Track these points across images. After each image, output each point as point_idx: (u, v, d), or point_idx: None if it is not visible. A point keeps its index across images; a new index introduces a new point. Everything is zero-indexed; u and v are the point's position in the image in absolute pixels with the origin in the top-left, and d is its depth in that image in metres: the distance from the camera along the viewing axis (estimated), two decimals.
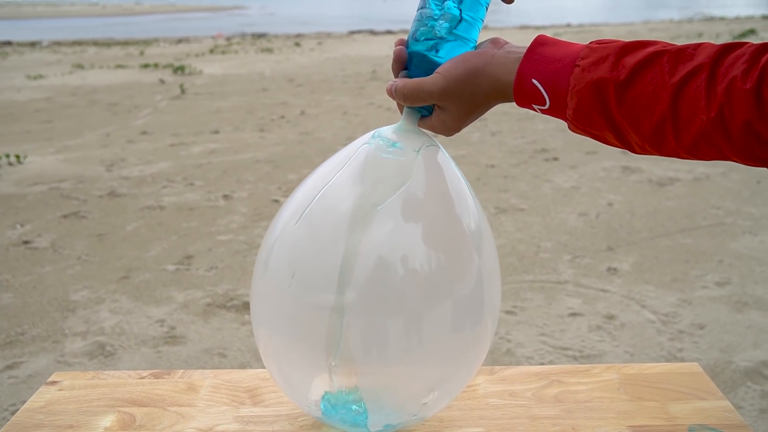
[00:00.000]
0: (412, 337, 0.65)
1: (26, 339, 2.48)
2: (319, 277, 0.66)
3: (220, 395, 0.84)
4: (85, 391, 0.85)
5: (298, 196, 0.71)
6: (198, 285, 2.88)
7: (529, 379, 0.86)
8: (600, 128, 0.61)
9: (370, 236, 0.65)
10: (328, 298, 0.65)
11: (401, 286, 0.65)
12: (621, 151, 4.84)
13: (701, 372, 0.86)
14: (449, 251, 0.68)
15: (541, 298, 2.68)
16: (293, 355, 0.70)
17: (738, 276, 2.81)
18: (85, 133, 6.04)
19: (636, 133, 0.59)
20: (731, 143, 0.54)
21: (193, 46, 15.36)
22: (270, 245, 0.71)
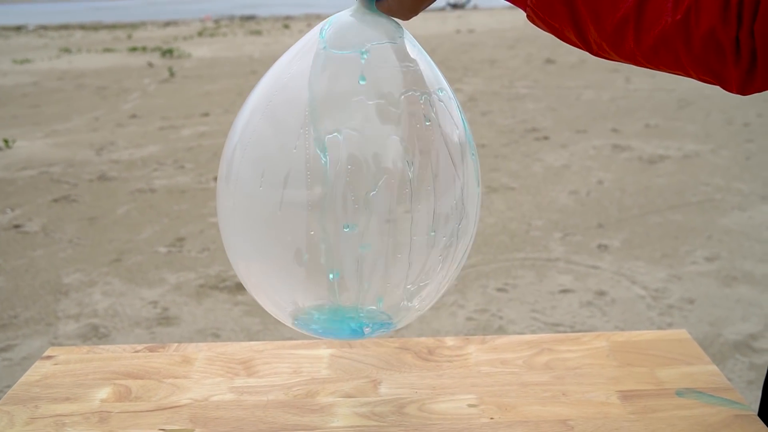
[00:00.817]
0: (386, 242, 0.62)
1: (19, 322, 2.48)
2: (289, 172, 0.61)
3: (215, 367, 0.84)
4: (81, 365, 0.86)
5: (256, 92, 0.67)
6: (190, 266, 2.88)
7: (520, 347, 0.87)
8: (561, 20, 0.58)
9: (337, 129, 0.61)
10: (301, 195, 0.61)
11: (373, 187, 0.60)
12: (611, 129, 4.86)
13: (689, 338, 0.87)
14: (429, 159, 0.63)
15: (532, 275, 2.70)
16: (276, 262, 0.65)
17: (727, 251, 2.84)
18: (73, 117, 5.99)
19: (597, 29, 0.57)
20: (690, 51, 0.53)
21: (181, 29, 15.23)
22: (231, 150, 0.67)
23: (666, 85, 6.54)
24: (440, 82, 0.66)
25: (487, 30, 12.43)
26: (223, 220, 0.69)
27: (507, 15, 16.04)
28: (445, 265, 0.66)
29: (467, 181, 0.65)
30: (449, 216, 0.64)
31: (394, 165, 0.61)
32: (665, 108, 5.60)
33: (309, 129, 0.61)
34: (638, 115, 5.34)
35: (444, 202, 0.63)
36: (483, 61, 8.55)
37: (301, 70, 0.64)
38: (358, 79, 0.62)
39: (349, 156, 0.60)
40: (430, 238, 0.63)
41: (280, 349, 0.88)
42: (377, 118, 0.62)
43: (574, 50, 7.92)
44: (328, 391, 0.79)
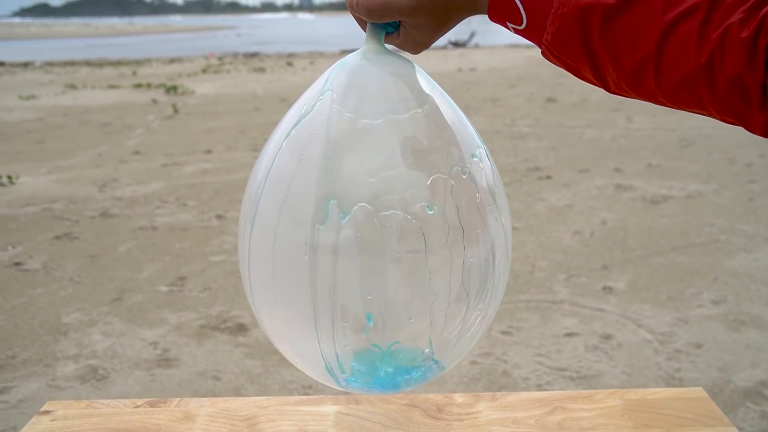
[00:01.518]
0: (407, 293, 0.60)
1: (17, 363, 2.45)
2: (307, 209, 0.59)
3: (218, 425, 0.82)
4: (79, 421, 0.83)
5: (281, 129, 0.65)
6: (191, 306, 2.85)
7: (532, 405, 0.84)
8: (577, 59, 0.57)
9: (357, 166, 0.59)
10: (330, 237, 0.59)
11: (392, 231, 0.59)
12: (614, 168, 4.86)
13: (706, 397, 0.85)
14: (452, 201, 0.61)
15: (536, 317, 2.67)
16: (296, 307, 0.63)
17: (733, 294, 2.81)
18: (77, 153, 6.02)
19: (615, 69, 0.55)
20: (714, 93, 0.51)
21: (185, 66, 15.39)
22: (257, 189, 0.65)
23: (667, 124, 6.57)
24: (473, 139, 0.65)
25: (489, 68, 12.55)
26: (245, 263, 0.67)
27: (508, 53, 16.22)
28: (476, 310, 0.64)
29: (498, 232, 0.64)
30: (479, 264, 0.62)
31: (422, 211, 0.60)
32: (667, 147, 5.62)
33: (331, 176, 0.60)
34: (640, 155, 5.35)
35: (476, 252, 0.62)
36: (485, 99, 8.61)
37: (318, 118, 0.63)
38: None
39: (378, 199, 0.59)
40: (460, 286, 0.61)
41: (285, 405, 0.85)
42: (403, 163, 0.61)
43: (575, 89, 7.96)
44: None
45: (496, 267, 0.65)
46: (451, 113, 0.65)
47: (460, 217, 0.61)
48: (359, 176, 0.60)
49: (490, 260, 0.64)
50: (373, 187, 0.59)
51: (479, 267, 0.63)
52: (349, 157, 0.61)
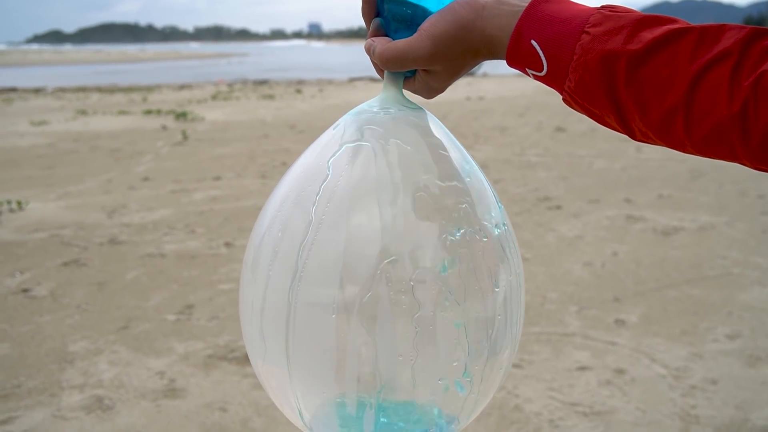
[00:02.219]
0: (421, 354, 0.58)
1: (22, 392, 2.42)
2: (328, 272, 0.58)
3: None
4: None
5: (289, 178, 0.64)
6: (199, 336, 2.83)
7: None
8: (602, 107, 0.55)
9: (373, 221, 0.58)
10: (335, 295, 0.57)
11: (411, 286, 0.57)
12: (624, 199, 4.84)
13: None
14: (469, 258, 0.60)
15: (548, 351, 2.63)
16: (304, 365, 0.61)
17: (749, 329, 2.76)
18: (86, 179, 6.03)
19: (642, 118, 0.53)
20: (747, 144, 0.49)
21: (195, 93, 15.51)
22: (260, 236, 0.63)
23: (677, 155, 6.54)
24: (489, 197, 0.64)
25: (497, 97, 12.60)
26: (246, 313, 0.65)
27: (517, 82, 16.29)
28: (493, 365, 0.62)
29: (511, 283, 0.63)
30: (490, 319, 0.61)
31: (432, 264, 0.58)
32: (678, 178, 5.60)
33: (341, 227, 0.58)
34: (651, 185, 5.33)
35: (486, 306, 0.60)
36: (493, 128, 8.62)
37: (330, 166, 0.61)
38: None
39: (385, 254, 0.57)
40: (474, 341, 0.60)
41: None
42: (414, 216, 0.59)
43: (584, 119, 7.96)
44: None
45: (509, 323, 0.64)
46: (468, 169, 0.64)
47: (475, 275, 0.60)
48: (373, 233, 0.58)
49: (503, 317, 0.63)
50: (384, 244, 0.58)
51: (491, 323, 0.61)
52: (361, 214, 0.59)
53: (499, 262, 0.63)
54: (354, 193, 0.59)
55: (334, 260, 0.58)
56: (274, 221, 0.62)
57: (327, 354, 0.59)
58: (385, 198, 0.59)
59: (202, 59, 50.22)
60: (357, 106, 0.67)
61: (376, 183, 0.60)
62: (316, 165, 0.62)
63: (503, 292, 0.62)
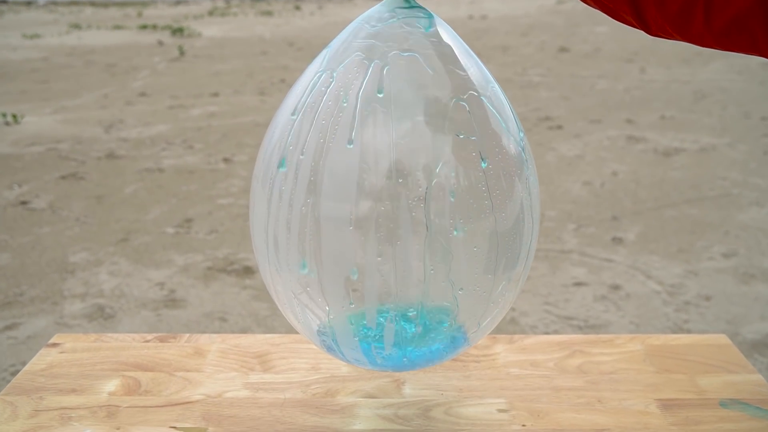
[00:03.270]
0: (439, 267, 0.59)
1: (25, 300, 2.45)
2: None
3: (229, 361, 0.80)
4: (88, 354, 0.81)
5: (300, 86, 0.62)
6: (198, 248, 2.84)
7: (551, 348, 0.82)
8: (617, 1, 0.53)
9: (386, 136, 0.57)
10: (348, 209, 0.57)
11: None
12: (626, 120, 4.79)
13: (729, 344, 0.83)
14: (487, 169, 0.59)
15: (545, 267, 2.65)
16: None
17: (745, 248, 2.78)
18: (82, 93, 5.95)
19: (658, 10, 0.51)
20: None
21: (191, 8, 15.12)
22: (270, 149, 0.62)
23: (682, 76, 6.45)
24: (488, 80, 0.62)
25: (500, 16, 12.30)
26: (258, 224, 0.64)
27: (520, 1, 15.87)
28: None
29: (529, 194, 0.62)
30: (507, 231, 0.60)
31: (447, 181, 0.57)
32: (681, 100, 5.52)
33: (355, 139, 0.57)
34: (653, 107, 5.26)
35: (504, 216, 0.59)
36: (495, 47, 8.45)
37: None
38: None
39: (397, 165, 0.56)
40: (487, 254, 0.59)
41: (297, 342, 0.83)
42: (427, 129, 0.58)
43: (588, 39, 7.83)
44: (349, 391, 0.75)
45: (525, 234, 0.63)
46: (482, 78, 0.62)
47: (487, 182, 0.58)
48: (383, 143, 0.57)
49: (520, 226, 0.62)
50: (395, 153, 0.56)
51: (508, 234, 0.61)
52: (372, 125, 0.57)
53: (516, 175, 0.61)
54: (364, 105, 0.58)
55: (347, 174, 0.57)
56: (284, 133, 0.61)
57: (343, 265, 0.58)
58: (397, 112, 0.57)
59: None
60: (365, 13, 0.64)
61: (387, 95, 0.58)
62: (325, 75, 0.60)
63: (519, 204, 0.61)
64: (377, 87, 0.58)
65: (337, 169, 0.57)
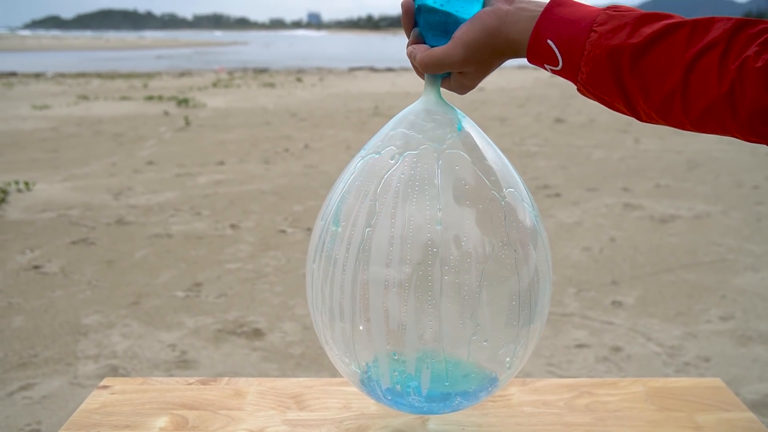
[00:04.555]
0: (465, 324, 0.68)
1: (39, 361, 2.51)
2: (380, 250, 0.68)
3: (267, 401, 0.88)
4: (137, 395, 0.89)
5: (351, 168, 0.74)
6: (208, 311, 2.91)
7: (560, 390, 0.90)
8: (611, 94, 0.63)
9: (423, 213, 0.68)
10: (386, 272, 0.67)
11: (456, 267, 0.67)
12: (622, 188, 4.92)
13: (724, 386, 0.90)
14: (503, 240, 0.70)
15: (547, 329, 2.71)
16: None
17: (741, 311, 2.86)
18: (91, 162, 6.10)
19: (645, 102, 0.61)
20: (737, 119, 0.57)
21: (195, 80, 15.53)
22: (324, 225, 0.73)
23: (675, 146, 6.64)
24: (511, 177, 0.73)
25: (497, 88, 12.65)
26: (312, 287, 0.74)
27: (516, 74, 16.33)
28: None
29: (540, 260, 0.72)
30: (523, 291, 0.70)
31: (474, 249, 0.68)
32: (675, 169, 5.68)
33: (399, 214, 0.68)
34: (648, 175, 5.41)
35: (521, 279, 0.70)
36: (493, 118, 8.69)
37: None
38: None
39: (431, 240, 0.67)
40: (509, 311, 0.70)
41: (328, 385, 0.91)
42: (456, 206, 0.69)
43: (583, 110, 8.06)
44: (379, 426, 0.82)
45: (540, 291, 0.72)
46: (497, 159, 0.74)
47: (510, 246, 0.69)
48: (424, 222, 0.68)
49: (535, 285, 0.71)
50: (433, 232, 0.67)
51: (526, 292, 0.71)
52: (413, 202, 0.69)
53: (532, 246, 0.72)
54: (406, 189, 0.69)
55: (390, 244, 0.68)
56: (339, 210, 0.72)
57: (385, 320, 0.68)
58: (432, 192, 0.69)
59: (201, 47, 50.09)
60: (404, 109, 0.75)
61: (424, 180, 0.69)
62: (373, 164, 0.72)
63: (535, 269, 0.71)
64: (416, 176, 0.69)
65: (382, 240, 0.68)
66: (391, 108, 9.77)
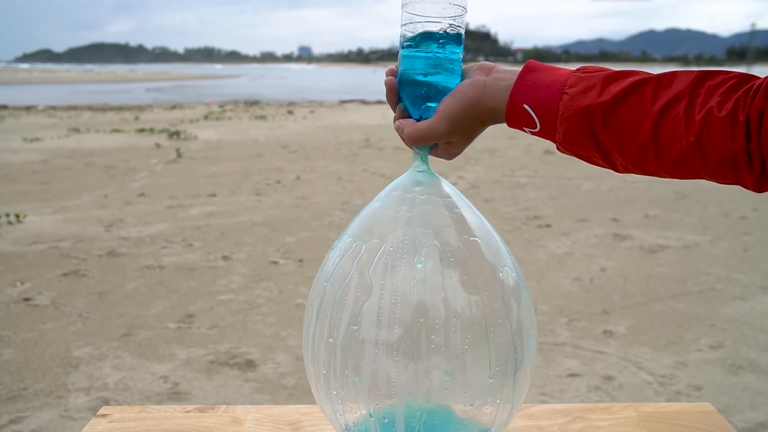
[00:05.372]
0: (455, 379, 0.70)
1: (29, 394, 2.49)
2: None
3: (264, 428, 0.88)
4: (135, 423, 0.90)
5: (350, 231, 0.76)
6: (200, 343, 2.90)
7: (554, 415, 0.91)
8: (588, 150, 0.67)
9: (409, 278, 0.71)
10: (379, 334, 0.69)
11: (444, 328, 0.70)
12: (611, 218, 4.97)
13: (714, 411, 0.92)
14: (489, 298, 0.72)
15: (540, 359, 2.72)
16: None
17: (731, 340, 2.88)
18: (82, 194, 6.10)
19: (620, 154, 0.65)
20: (707, 165, 0.61)
21: (187, 112, 15.61)
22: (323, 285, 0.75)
23: (662, 179, 6.71)
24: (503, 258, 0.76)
25: None
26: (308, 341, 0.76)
27: None
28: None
29: (523, 316, 0.74)
30: (507, 348, 0.72)
31: (461, 310, 0.70)
32: (663, 200, 5.74)
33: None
34: (637, 206, 5.47)
35: (500, 338, 0.72)
36: (483, 150, 8.77)
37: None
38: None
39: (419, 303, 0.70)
40: (495, 368, 0.72)
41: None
42: (441, 269, 0.72)
43: None
44: None
45: (525, 349, 0.74)
46: (483, 229, 0.77)
47: (495, 312, 0.72)
48: (410, 287, 0.70)
49: (519, 342, 0.73)
50: (418, 294, 0.70)
51: (510, 351, 0.72)
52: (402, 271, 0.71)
53: (515, 301, 0.74)
54: (395, 256, 0.71)
55: (380, 308, 0.70)
56: (335, 275, 0.74)
57: (373, 375, 0.70)
58: (418, 258, 0.72)
59: (193, 80, 50.39)
60: (395, 180, 0.78)
61: (411, 246, 0.72)
62: (365, 232, 0.75)
63: (518, 322, 0.73)
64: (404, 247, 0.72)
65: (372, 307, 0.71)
66: (381, 140, 9.85)
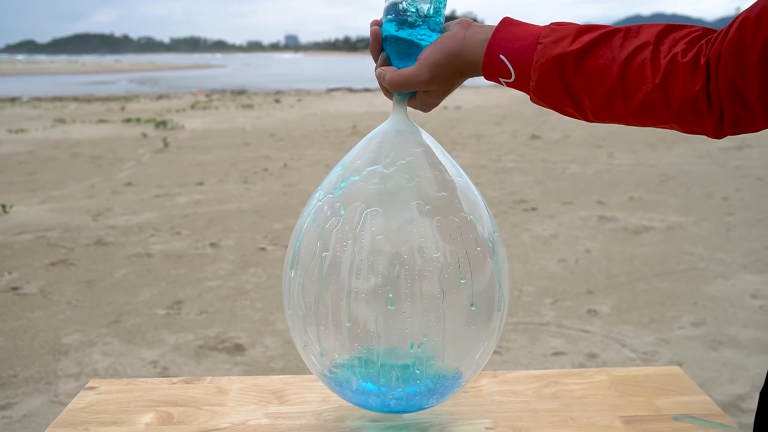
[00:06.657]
0: (430, 324, 0.73)
1: (19, 381, 2.50)
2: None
3: (248, 396, 0.91)
4: (123, 395, 0.92)
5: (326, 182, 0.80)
6: (189, 328, 2.93)
7: (529, 380, 0.94)
8: (559, 97, 0.71)
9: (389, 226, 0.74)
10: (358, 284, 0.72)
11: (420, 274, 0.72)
12: (596, 201, 5.01)
13: (682, 373, 0.95)
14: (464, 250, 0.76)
15: (525, 338, 2.77)
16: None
17: (712, 317, 2.93)
18: (69, 184, 6.09)
19: (590, 100, 0.69)
20: (671, 109, 0.64)
21: (173, 102, 15.55)
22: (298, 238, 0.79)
23: (648, 160, 6.77)
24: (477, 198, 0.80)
25: (474, 107, 12.81)
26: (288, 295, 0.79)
27: (492, 93, 16.55)
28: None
29: (499, 261, 0.78)
30: (484, 293, 0.76)
31: (437, 257, 0.74)
32: (647, 182, 5.79)
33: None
34: (622, 189, 5.52)
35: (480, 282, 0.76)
36: (470, 135, 8.80)
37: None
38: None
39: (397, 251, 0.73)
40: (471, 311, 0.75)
41: (308, 382, 0.95)
42: (419, 218, 0.74)
43: (558, 127, 8.18)
44: (356, 416, 0.86)
45: (498, 293, 0.79)
46: (462, 182, 0.80)
47: (468, 256, 0.75)
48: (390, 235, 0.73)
49: (494, 288, 0.78)
50: (397, 238, 0.73)
51: (486, 294, 0.77)
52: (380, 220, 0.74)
53: (491, 249, 0.79)
54: (372, 205, 0.74)
55: (359, 257, 0.73)
56: (310, 228, 0.79)
57: (352, 319, 0.74)
58: (396, 207, 0.75)
59: (179, 70, 50.09)
60: (375, 129, 0.82)
61: (391, 195, 0.75)
62: (338, 180, 0.78)
63: (492, 271, 0.76)
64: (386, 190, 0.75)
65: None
66: (368, 127, 9.84)
